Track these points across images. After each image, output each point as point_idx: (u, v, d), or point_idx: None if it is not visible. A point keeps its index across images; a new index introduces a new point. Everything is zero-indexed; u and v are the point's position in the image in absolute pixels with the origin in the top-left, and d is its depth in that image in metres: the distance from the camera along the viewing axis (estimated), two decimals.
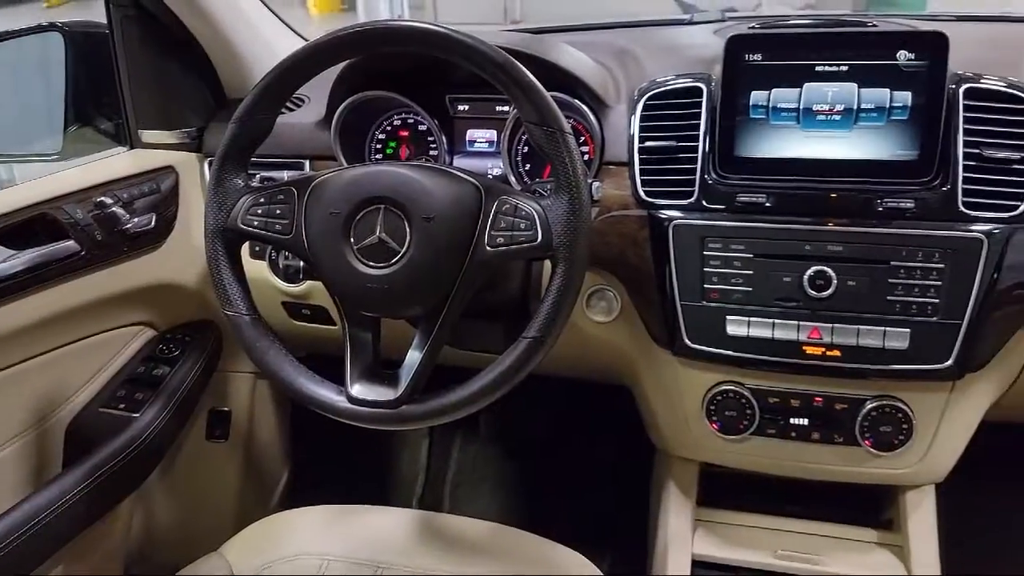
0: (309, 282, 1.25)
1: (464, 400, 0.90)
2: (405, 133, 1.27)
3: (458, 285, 0.89)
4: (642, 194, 1.07)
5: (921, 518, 1.14)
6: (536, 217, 0.88)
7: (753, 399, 1.08)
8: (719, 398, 1.09)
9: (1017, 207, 0.96)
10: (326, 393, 0.93)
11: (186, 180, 1.34)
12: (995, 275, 0.96)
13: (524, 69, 0.87)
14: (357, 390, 0.91)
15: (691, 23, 1.48)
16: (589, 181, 0.97)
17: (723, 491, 1.25)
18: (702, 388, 1.11)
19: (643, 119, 1.08)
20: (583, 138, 1.17)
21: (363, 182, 0.91)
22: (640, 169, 1.07)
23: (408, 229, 0.89)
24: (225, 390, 1.57)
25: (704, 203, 1.04)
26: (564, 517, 1.74)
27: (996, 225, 0.96)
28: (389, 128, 1.27)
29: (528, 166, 1.21)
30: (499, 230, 0.88)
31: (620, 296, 1.14)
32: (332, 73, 1.16)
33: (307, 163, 1.26)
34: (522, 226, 0.88)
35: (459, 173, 0.92)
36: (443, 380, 0.92)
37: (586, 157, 1.16)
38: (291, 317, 1.33)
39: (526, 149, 1.20)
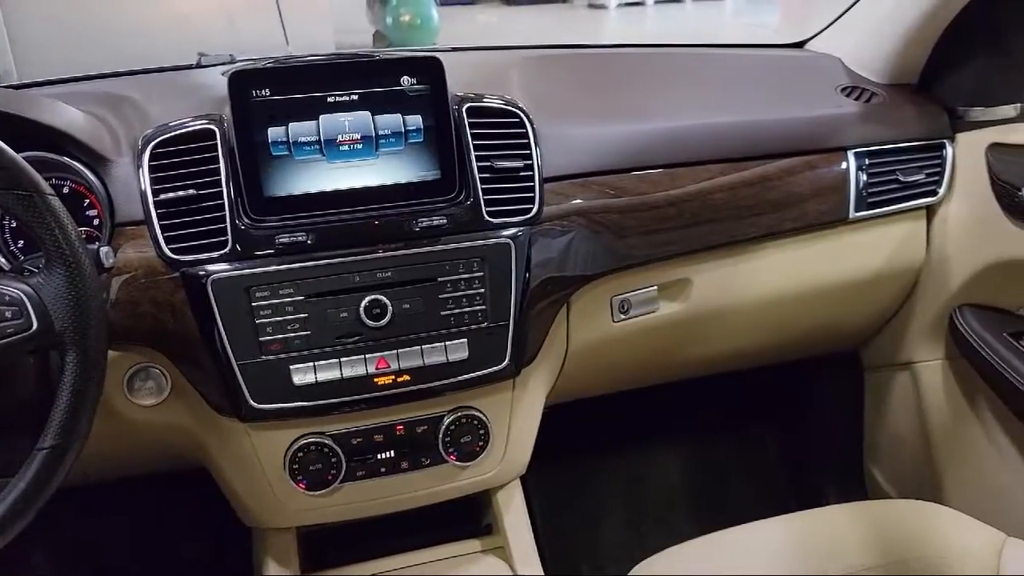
0: None
1: None
2: None
3: None
4: (168, 253, 0.95)
5: (513, 514, 1.20)
6: (26, 300, 0.73)
7: (336, 446, 1.03)
8: (300, 454, 1.02)
9: (531, 210, 1.05)
10: None
11: None
12: (527, 275, 1.04)
13: None
14: None
15: (199, 67, 1.38)
16: (96, 247, 0.84)
17: (330, 549, 1.18)
18: (280, 449, 1.02)
19: (153, 170, 0.96)
20: (87, 200, 1.00)
21: None
22: (160, 226, 0.95)
23: None
24: None
25: (241, 251, 0.96)
26: None
27: (519, 229, 1.04)
28: None
29: (21, 243, 1.00)
30: None
31: (168, 371, 1.01)
32: None
33: None
34: (8, 314, 0.72)
35: None
36: None
37: (96, 221, 1.00)
38: None
39: (15, 223, 0.99)
